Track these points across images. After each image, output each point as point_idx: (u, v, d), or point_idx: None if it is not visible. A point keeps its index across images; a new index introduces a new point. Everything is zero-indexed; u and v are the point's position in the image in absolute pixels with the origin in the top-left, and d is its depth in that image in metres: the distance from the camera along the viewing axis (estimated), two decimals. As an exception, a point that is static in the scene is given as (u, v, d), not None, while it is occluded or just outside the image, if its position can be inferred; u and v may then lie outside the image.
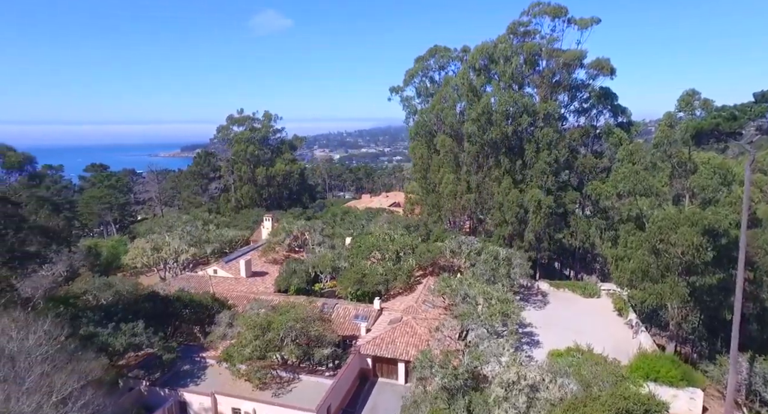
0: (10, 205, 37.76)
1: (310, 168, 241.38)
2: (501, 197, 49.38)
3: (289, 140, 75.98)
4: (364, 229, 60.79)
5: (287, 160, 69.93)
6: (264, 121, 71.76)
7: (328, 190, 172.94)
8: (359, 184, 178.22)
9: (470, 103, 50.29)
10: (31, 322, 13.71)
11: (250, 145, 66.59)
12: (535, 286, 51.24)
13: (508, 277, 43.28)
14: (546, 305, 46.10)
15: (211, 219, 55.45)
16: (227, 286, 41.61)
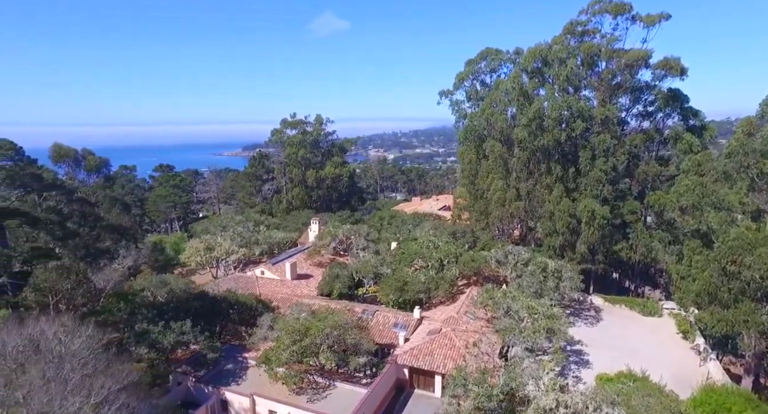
0: (87, 205, 41.57)
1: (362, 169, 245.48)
2: (552, 206, 47.07)
3: (340, 143, 77.34)
4: (410, 233, 60.53)
5: (337, 164, 71.19)
6: (315, 125, 73.56)
7: (380, 191, 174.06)
8: (411, 186, 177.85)
9: (521, 108, 48.37)
10: (77, 327, 15.01)
11: (301, 148, 68.51)
12: (587, 301, 48.34)
13: (556, 290, 41.21)
14: (599, 322, 43.32)
15: (263, 220, 57.60)
16: (273, 287, 43.01)
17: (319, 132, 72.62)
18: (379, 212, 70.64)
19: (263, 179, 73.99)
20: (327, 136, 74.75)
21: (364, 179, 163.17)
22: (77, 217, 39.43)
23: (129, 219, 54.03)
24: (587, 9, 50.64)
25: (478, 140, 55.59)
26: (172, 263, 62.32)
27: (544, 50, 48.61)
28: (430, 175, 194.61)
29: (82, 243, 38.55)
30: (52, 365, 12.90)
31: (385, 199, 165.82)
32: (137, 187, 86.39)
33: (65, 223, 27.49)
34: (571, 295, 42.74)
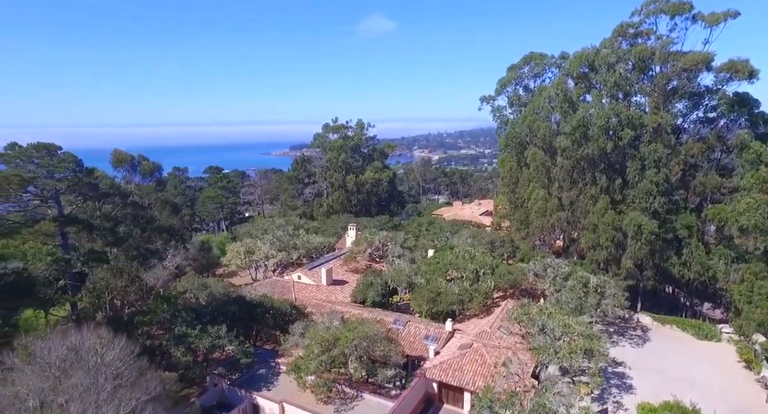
0: (140, 209, 44.37)
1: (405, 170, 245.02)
2: (596, 218, 44.89)
3: (381, 147, 77.74)
4: (447, 241, 59.86)
5: (377, 168, 71.64)
6: (356, 130, 74.40)
7: (422, 194, 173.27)
8: (454, 189, 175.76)
9: (565, 115, 46.47)
10: (112, 339, 16.12)
11: (342, 153, 69.55)
12: (633, 318, 45.70)
13: (597, 308, 39.28)
14: (645, 343, 40.89)
15: (302, 224, 59.01)
16: (308, 292, 43.95)
17: (360, 137, 73.42)
18: (417, 218, 70.39)
19: (305, 183, 75.81)
20: (368, 140, 75.49)
21: (406, 181, 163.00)
22: (130, 220, 42.21)
23: (178, 220, 57.10)
24: (641, 10, 47.86)
25: (519, 147, 54.04)
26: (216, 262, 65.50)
27: (591, 55, 46.42)
28: (474, 177, 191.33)
29: (134, 244, 41.13)
30: (88, 375, 13.99)
31: (427, 202, 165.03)
32: (188, 187, 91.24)
33: (116, 229, 29.48)
34: (616, 311, 40.55)
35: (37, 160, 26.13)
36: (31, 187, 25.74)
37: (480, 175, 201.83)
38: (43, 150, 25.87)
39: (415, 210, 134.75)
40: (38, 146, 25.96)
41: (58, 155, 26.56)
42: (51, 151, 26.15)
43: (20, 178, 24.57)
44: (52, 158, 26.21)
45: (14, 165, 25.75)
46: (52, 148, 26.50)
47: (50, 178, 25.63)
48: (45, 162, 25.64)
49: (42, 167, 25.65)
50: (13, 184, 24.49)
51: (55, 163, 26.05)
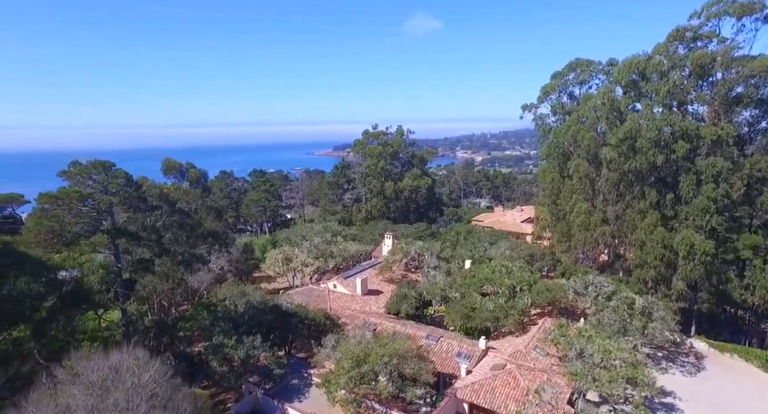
0: (186, 216, 46.69)
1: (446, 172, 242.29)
2: (643, 234, 42.50)
3: (420, 154, 77.43)
4: (485, 252, 58.76)
5: (416, 175, 71.42)
6: (396, 137, 74.52)
7: (464, 197, 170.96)
8: (496, 192, 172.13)
9: (611, 126, 44.29)
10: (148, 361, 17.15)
11: (381, 160, 69.91)
12: (686, 343, 42.89)
13: (643, 332, 37.18)
14: (699, 372, 38.22)
15: (340, 230, 59.85)
16: (343, 302, 44.55)
17: (400, 143, 73.47)
18: (455, 226, 69.52)
19: (344, 188, 76.85)
20: (407, 146, 75.42)
21: (447, 185, 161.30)
22: (177, 227, 44.52)
23: (222, 224, 59.49)
24: (701, 11, 44.72)
25: (562, 158, 52.09)
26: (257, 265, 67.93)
27: (642, 62, 43.95)
28: (518, 181, 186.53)
29: (180, 250, 43.32)
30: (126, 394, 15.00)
31: (468, 206, 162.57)
32: (233, 190, 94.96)
33: (161, 241, 31.19)
34: (663, 336, 38.21)
35: (95, 175, 28.02)
36: (90, 201, 27.60)
37: (524, 179, 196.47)
38: (99, 167, 27.73)
39: (455, 215, 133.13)
40: (95, 164, 27.86)
41: (112, 171, 28.39)
42: (106, 168, 27.98)
43: (79, 193, 26.49)
44: (106, 174, 28.05)
45: (75, 181, 27.75)
46: (107, 165, 28.35)
47: (104, 194, 27.38)
48: (101, 178, 27.47)
49: (98, 183, 27.46)
50: (74, 199, 26.45)
51: (109, 179, 27.83)
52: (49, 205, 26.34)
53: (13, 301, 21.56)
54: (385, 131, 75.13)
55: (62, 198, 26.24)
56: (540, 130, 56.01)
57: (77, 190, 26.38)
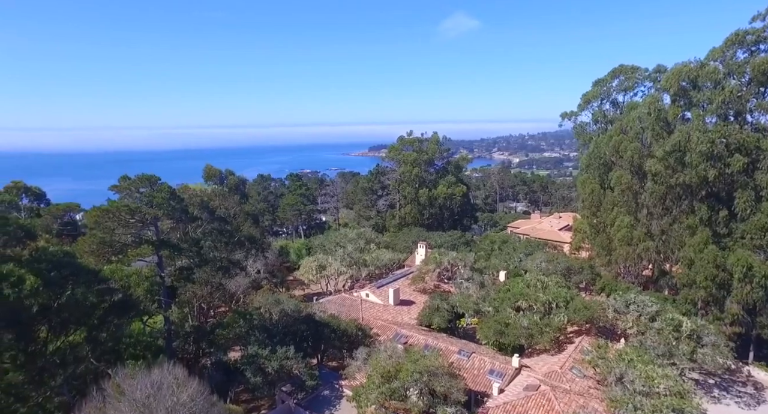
0: (225, 223, 48.36)
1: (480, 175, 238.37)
2: (692, 252, 40.27)
3: (455, 161, 76.68)
4: (521, 263, 57.55)
5: (450, 183, 70.81)
6: (431, 143, 74.18)
7: (499, 201, 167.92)
8: (533, 197, 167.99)
9: (657, 137, 42.26)
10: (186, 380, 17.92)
11: (415, 167, 69.79)
12: (743, 371, 40.28)
13: (691, 358, 35.14)
14: (759, 405, 35.71)
15: (374, 238, 60.20)
16: (375, 312, 44.81)
17: (434, 150, 73.10)
18: (490, 235, 68.39)
19: (378, 194, 77.25)
20: (442, 153, 74.92)
21: (483, 189, 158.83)
22: (216, 235, 46.18)
23: (259, 230, 61.16)
24: (765, 13, 41.81)
25: (602, 168, 50.16)
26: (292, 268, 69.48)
27: (694, 69, 41.64)
28: (556, 185, 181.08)
29: (219, 256, 44.92)
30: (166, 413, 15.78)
31: (504, 210, 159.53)
32: (270, 193, 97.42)
33: (201, 252, 32.45)
34: (715, 362, 35.81)
35: (142, 189, 29.49)
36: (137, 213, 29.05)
37: (562, 182, 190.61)
38: (146, 181, 29.19)
39: (490, 220, 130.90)
40: (142, 178, 29.36)
41: (157, 185, 29.78)
42: (152, 182, 29.40)
43: (128, 207, 27.97)
44: (152, 188, 29.44)
45: (125, 194, 29.31)
46: (153, 179, 29.79)
47: (150, 206, 28.76)
48: (147, 192, 28.83)
49: (145, 196, 28.87)
50: (123, 212, 27.98)
51: (154, 192, 29.19)
52: (101, 218, 27.94)
53: (71, 309, 23.13)
54: (420, 138, 74.94)
55: (113, 211, 27.78)
56: (579, 139, 54.16)
57: (126, 204, 27.87)
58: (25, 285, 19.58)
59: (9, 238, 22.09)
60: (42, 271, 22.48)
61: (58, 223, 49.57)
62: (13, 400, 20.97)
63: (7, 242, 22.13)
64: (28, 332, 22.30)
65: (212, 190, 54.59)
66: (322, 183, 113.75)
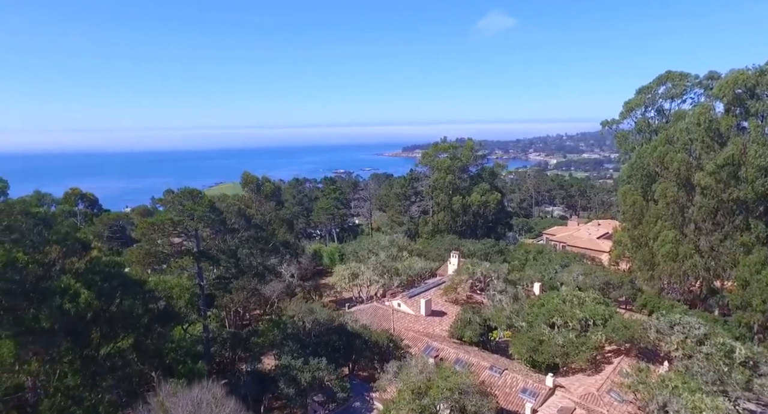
0: (260, 230, 49.71)
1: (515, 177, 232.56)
2: (746, 272, 37.99)
3: (489, 167, 75.50)
4: (556, 274, 56.10)
5: (484, 190, 69.81)
6: (465, 150, 73.37)
7: (535, 205, 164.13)
8: (570, 202, 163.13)
9: (708, 149, 40.10)
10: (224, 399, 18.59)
11: (449, 174, 69.25)
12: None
13: (746, 387, 32.98)
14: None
15: (406, 246, 60.24)
16: (406, 322, 44.81)
17: (469, 157, 72.26)
18: (524, 245, 66.94)
19: (411, 200, 77.19)
20: (476, 160, 73.96)
21: (518, 192, 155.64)
22: (252, 242, 47.55)
23: (293, 235, 62.45)
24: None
25: (646, 179, 48.03)
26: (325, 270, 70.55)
27: (752, 77, 39.26)
28: (595, 189, 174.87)
29: (255, 262, 46.24)
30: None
31: (539, 215, 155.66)
32: (305, 197, 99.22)
33: (239, 263, 33.52)
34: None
35: (186, 201, 30.76)
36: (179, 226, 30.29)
37: (602, 186, 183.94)
38: (188, 195, 30.47)
39: (525, 225, 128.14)
40: (185, 192, 30.66)
41: (198, 198, 31.00)
42: (194, 196, 30.65)
43: (171, 220, 29.25)
44: (193, 201, 30.65)
45: (169, 206, 30.68)
46: (195, 193, 31.07)
47: (191, 219, 29.94)
48: (188, 205, 30.05)
49: (186, 209, 30.09)
50: (167, 225, 29.27)
51: (195, 206, 30.39)
52: (147, 230, 29.37)
53: (120, 318, 24.46)
54: (455, 144, 74.30)
55: (158, 224, 29.16)
56: (621, 148, 52.08)
57: (170, 217, 29.13)
58: (81, 299, 20.86)
59: (68, 250, 23.51)
60: (95, 282, 23.80)
61: (108, 229, 52.69)
62: (71, 403, 22.40)
63: (66, 254, 23.58)
64: (83, 338, 23.73)
65: (249, 197, 55.99)
66: (356, 186, 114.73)
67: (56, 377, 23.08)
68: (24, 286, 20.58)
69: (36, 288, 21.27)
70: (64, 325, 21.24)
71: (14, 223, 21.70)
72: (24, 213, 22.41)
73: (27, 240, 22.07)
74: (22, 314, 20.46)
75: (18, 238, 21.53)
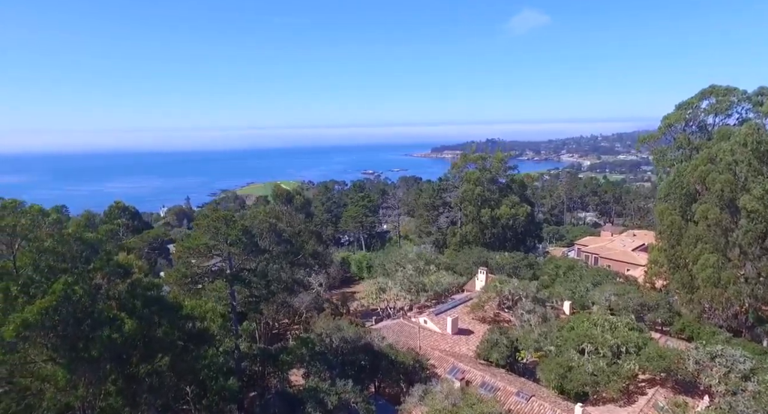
0: (290, 244, 50.82)
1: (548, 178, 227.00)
2: (795, 303, 35.96)
3: (520, 179, 74.19)
4: (587, 293, 54.72)
5: (513, 203, 68.74)
6: (494, 161, 72.45)
7: (567, 211, 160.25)
8: (605, 208, 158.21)
9: (756, 172, 38.13)
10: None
11: (477, 186, 68.57)
12: None
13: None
14: None
15: (433, 259, 60.14)
16: (433, 341, 44.78)
17: (498, 169, 71.31)
18: (554, 261, 65.53)
19: (440, 211, 76.94)
20: (506, 171, 72.87)
21: (549, 199, 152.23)
22: (282, 256, 48.66)
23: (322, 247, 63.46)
24: None
25: (685, 198, 46.08)
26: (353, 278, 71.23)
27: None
28: (632, 194, 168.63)
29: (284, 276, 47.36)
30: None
31: (571, 221, 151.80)
32: (334, 204, 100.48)
33: (269, 285, 34.41)
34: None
35: (220, 225, 31.88)
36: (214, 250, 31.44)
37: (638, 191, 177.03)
38: (222, 220, 31.52)
39: (556, 233, 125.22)
40: (219, 216, 31.78)
41: (231, 222, 32.01)
42: (227, 221, 31.70)
43: (206, 245, 30.37)
44: (227, 226, 31.69)
45: (203, 231, 31.85)
46: (229, 217, 32.15)
47: (225, 243, 31.00)
48: (223, 230, 31.11)
49: (221, 234, 31.18)
50: (202, 249, 30.43)
51: (229, 230, 31.42)
52: (183, 253, 30.61)
53: (158, 341, 25.71)
54: (484, 155, 73.46)
55: (194, 248, 30.32)
56: (658, 164, 50.12)
57: (204, 242, 30.24)
58: (126, 328, 22.08)
59: (111, 275, 24.86)
60: (136, 308, 25.05)
61: (148, 246, 55.48)
62: (115, 420, 23.74)
63: (109, 279, 24.94)
64: (125, 361, 25.07)
65: (280, 210, 57.27)
66: (384, 193, 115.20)
67: (101, 397, 24.50)
68: (77, 317, 21.94)
69: (87, 315, 22.64)
70: (111, 353, 22.50)
71: (69, 252, 23.14)
72: (78, 239, 23.80)
73: (78, 269, 23.42)
74: (75, 342, 21.81)
75: (69, 267, 22.89)
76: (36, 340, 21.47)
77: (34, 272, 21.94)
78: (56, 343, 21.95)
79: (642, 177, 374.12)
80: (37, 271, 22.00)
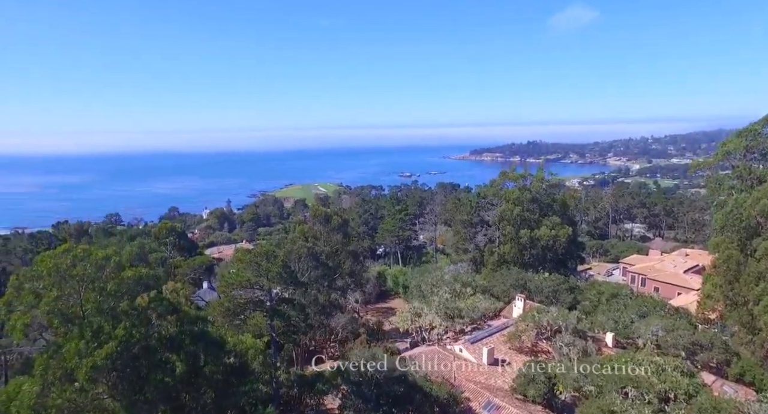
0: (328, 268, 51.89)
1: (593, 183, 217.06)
2: None
3: (561, 197, 71.96)
4: (632, 324, 52.41)
5: (554, 224, 66.78)
6: (535, 181, 70.69)
7: (613, 222, 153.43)
8: (654, 221, 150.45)
9: (824, 211, 35.21)
10: None
11: (517, 206, 67.17)
12: None
13: None
14: None
15: (470, 282, 59.50)
16: (467, 372, 44.35)
17: (539, 188, 69.48)
18: (596, 286, 63.17)
19: (477, 229, 75.98)
20: (547, 190, 70.89)
21: (593, 211, 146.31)
22: (320, 278, 49.76)
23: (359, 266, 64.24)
24: None
25: (744, 232, 43.23)
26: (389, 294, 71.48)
27: None
28: (685, 205, 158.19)
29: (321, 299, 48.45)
30: None
31: (617, 234, 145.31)
32: (371, 216, 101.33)
33: (307, 318, 35.31)
34: None
35: (261, 261, 33.08)
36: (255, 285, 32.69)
37: (693, 202, 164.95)
38: (263, 255, 32.70)
39: (600, 248, 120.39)
40: (260, 252, 32.98)
41: (273, 258, 33.13)
42: (268, 256, 32.84)
43: (248, 280, 31.61)
44: (268, 261, 32.79)
45: (244, 266, 33.13)
46: (269, 252, 33.34)
47: (266, 279, 32.11)
48: (264, 265, 32.23)
49: (262, 269, 32.33)
50: (243, 283, 31.71)
51: (270, 265, 32.51)
52: (227, 288, 32.04)
53: (205, 377, 27.17)
54: (524, 173, 71.77)
55: (236, 283, 31.65)
56: (713, 193, 47.18)
57: (247, 278, 31.50)
58: (177, 372, 23.49)
59: (161, 312, 26.35)
60: (184, 344, 26.45)
61: (193, 272, 58.51)
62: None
63: (159, 316, 26.42)
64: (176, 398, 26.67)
65: (317, 230, 58.47)
66: (421, 204, 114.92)
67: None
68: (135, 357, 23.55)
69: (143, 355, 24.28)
70: (164, 394, 24.06)
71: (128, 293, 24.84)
72: (136, 281, 25.43)
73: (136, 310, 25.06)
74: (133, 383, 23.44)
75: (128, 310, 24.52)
76: (100, 380, 23.30)
77: (98, 315, 23.68)
78: (116, 382, 23.71)
79: (698, 183, 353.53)
80: (101, 314, 23.73)
